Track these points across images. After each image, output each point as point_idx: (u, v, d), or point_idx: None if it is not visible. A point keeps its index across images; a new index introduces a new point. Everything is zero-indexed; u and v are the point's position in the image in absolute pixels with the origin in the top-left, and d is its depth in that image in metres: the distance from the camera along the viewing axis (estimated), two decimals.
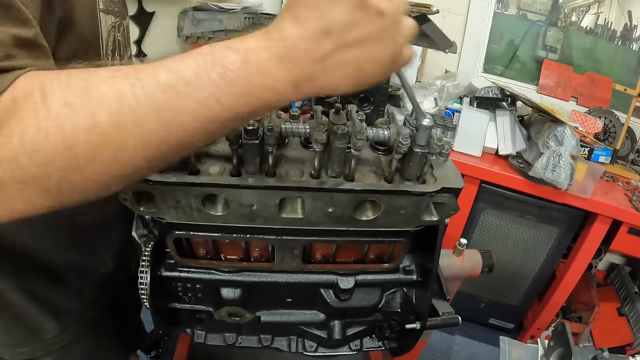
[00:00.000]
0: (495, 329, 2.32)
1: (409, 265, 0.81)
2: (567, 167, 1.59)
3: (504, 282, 2.13)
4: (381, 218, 0.62)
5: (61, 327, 0.77)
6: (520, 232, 1.98)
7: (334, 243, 0.72)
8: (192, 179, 0.55)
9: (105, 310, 0.88)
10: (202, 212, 0.58)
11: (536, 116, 1.92)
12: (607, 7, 2.17)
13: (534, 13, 2.27)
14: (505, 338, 1.06)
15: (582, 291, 2.16)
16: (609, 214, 1.75)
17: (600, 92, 2.26)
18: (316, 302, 0.81)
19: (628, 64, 2.24)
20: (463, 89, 2.04)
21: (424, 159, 0.58)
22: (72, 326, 0.79)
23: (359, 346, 0.89)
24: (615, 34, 2.21)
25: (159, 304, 0.74)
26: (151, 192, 0.56)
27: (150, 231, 0.73)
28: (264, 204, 0.58)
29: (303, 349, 0.87)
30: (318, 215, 0.60)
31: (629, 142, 2.17)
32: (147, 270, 0.69)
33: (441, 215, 0.64)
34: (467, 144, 1.83)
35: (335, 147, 0.55)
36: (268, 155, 0.55)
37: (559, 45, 2.28)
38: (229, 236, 0.66)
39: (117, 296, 0.94)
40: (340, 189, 0.57)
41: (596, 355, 0.92)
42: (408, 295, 0.82)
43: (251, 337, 0.87)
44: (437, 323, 0.76)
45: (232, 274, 0.76)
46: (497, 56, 2.37)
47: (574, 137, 1.62)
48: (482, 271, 1.02)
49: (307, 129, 0.57)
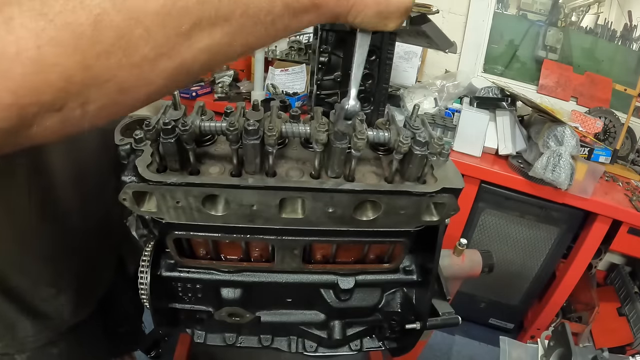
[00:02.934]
0: (495, 329, 2.32)
1: (409, 265, 0.81)
2: (567, 167, 1.59)
3: (504, 282, 2.13)
4: (381, 218, 0.62)
5: (35, 329, 0.76)
6: (520, 232, 1.98)
7: (334, 243, 0.72)
8: (192, 179, 0.55)
9: (90, 314, 0.86)
10: (202, 212, 0.58)
11: (536, 116, 1.92)
12: (607, 7, 2.17)
13: (534, 13, 2.27)
14: (505, 338, 1.07)
15: (582, 291, 2.17)
16: (609, 214, 1.75)
17: (600, 92, 2.26)
18: (316, 302, 0.81)
19: (628, 64, 2.24)
20: (463, 89, 2.04)
21: (424, 159, 0.58)
22: (47, 329, 0.77)
23: (359, 346, 0.89)
24: (615, 34, 2.21)
25: (158, 304, 0.74)
26: (151, 192, 0.56)
27: (150, 231, 0.73)
28: (264, 204, 0.58)
29: (303, 349, 0.87)
30: (318, 216, 0.60)
31: (629, 142, 2.17)
32: (147, 271, 0.69)
33: (441, 215, 0.64)
34: (467, 144, 1.83)
35: (336, 148, 0.55)
36: (268, 155, 0.55)
37: (559, 45, 2.28)
38: (229, 236, 0.66)
39: (107, 301, 0.93)
40: (341, 189, 0.57)
41: (596, 355, 0.92)
42: (408, 296, 0.82)
43: (251, 337, 0.87)
44: (437, 323, 0.76)
45: (232, 274, 0.75)
46: (497, 56, 2.37)
47: (574, 137, 1.62)
48: (482, 271, 1.02)
49: (307, 129, 0.57)
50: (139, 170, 0.54)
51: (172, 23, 0.31)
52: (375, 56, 1.39)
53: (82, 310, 0.83)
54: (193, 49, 0.33)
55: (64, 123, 0.30)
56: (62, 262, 0.77)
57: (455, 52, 1.83)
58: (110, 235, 0.89)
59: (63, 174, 0.72)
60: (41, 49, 0.26)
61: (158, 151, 0.54)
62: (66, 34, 0.27)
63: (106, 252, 0.90)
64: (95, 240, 0.84)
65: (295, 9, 0.38)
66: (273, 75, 2.15)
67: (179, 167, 0.55)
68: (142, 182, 0.54)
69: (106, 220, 0.85)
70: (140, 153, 0.56)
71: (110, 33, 0.28)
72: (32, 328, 0.76)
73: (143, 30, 0.29)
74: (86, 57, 0.28)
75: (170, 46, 0.31)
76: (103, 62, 0.29)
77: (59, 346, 0.82)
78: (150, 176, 0.54)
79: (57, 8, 0.27)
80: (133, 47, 0.29)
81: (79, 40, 0.27)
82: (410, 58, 2.27)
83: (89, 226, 0.80)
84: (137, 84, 0.32)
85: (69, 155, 0.72)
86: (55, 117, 0.29)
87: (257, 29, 0.37)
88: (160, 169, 0.56)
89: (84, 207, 0.78)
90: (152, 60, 0.31)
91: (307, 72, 2.19)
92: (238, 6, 0.34)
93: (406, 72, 2.29)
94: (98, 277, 0.89)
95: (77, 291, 0.80)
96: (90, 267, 0.84)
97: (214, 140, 0.63)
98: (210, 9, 0.32)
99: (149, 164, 0.54)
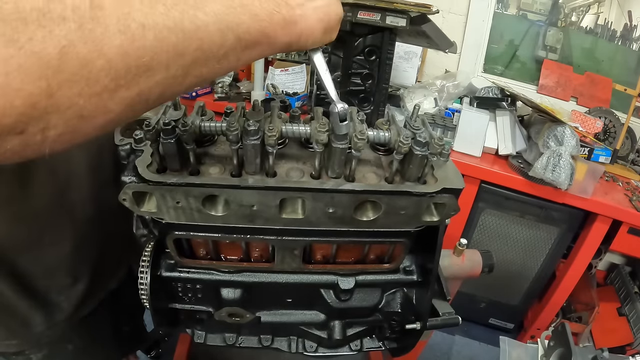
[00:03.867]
0: (495, 329, 2.32)
1: (409, 265, 0.81)
2: (567, 167, 1.59)
3: (504, 282, 2.13)
4: (382, 218, 0.62)
5: (49, 322, 0.78)
6: (520, 232, 1.98)
7: (335, 243, 0.72)
8: (192, 179, 0.55)
9: (98, 309, 0.88)
10: (202, 212, 0.58)
11: (536, 116, 1.92)
12: (607, 7, 2.17)
13: (534, 13, 2.27)
14: (505, 338, 1.06)
15: (582, 291, 2.17)
16: (609, 214, 1.75)
17: (600, 92, 2.26)
18: (316, 303, 0.81)
19: (628, 64, 2.24)
20: (463, 89, 2.04)
21: (424, 159, 0.58)
22: (61, 323, 0.80)
23: (359, 346, 0.89)
24: (615, 34, 2.21)
25: (159, 305, 0.74)
26: (151, 192, 0.56)
27: (150, 231, 0.73)
28: (265, 204, 0.58)
29: (303, 349, 0.87)
30: (318, 216, 0.60)
31: (629, 142, 2.17)
32: (147, 271, 0.69)
33: (442, 215, 0.64)
34: (467, 144, 1.83)
35: (336, 148, 0.55)
36: (268, 155, 0.55)
37: (559, 45, 2.28)
38: (229, 237, 0.66)
39: (116, 296, 0.94)
40: (341, 189, 0.57)
41: (596, 355, 0.92)
42: (408, 296, 0.82)
43: (251, 338, 0.87)
44: (437, 323, 0.76)
45: (233, 274, 0.75)
46: (497, 56, 2.37)
47: (574, 137, 1.62)
48: (482, 271, 1.02)
49: (307, 129, 0.57)
50: (139, 171, 0.53)
51: (132, 57, 0.33)
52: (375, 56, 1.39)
53: (92, 299, 0.86)
54: (150, 81, 0.35)
55: (24, 146, 0.32)
56: (80, 251, 0.80)
57: (455, 52, 1.83)
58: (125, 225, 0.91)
59: (80, 163, 0.75)
60: (8, 76, 0.27)
61: (158, 151, 0.54)
62: (33, 62, 0.28)
63: (120, 244, 0.92)
64: (111, 229, 0.86)
65: (247, 42, 0.41)
66: (273, 75, 2.15)
67: (179, 167, 0.55)
68: (142, 182, 0.54)
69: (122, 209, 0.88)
70: (140, 153, 0.56)
71: (74, 63, 0.30)
72: (46, 322, 0.78)
73: (105, 62, 0.31)
74: (50, 85, 0.29)
75: (129, 78, 0.33)
76: (66, 90, 0.30)
77: (74, 342, 0.85)
78: (150, 176, 0.54)
79: (28, 35, 0.28)
80: (94, 78, 0.31)
81: (45, 69, 0.29)
82: (410, 58, 2.27)
83: (105, 215, 0.83)
84: (96, 112, 0.33)
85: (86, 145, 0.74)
86: (17, 140, 0.31)
87: (210, 63, 0.39)
88: (160, 169, 0.56)
89: (101, 195, 0.81)
90: (112, 90, 0.33)
91: (307, 72, 2.19)
92: (193, 41, 0.36)
93: (406, 72, 2.29)
94: (111, 268, 0.91)
95: (91, 279, 0.83)
96: (106, 257, 0.87)
97: (214, 141, 0.63)
98: (168, 45, 0.34)
99: (148, 164, 0.54)
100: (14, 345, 0.78)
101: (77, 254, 0.80)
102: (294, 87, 2.17)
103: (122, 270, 0.96)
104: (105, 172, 0.80)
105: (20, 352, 0.79)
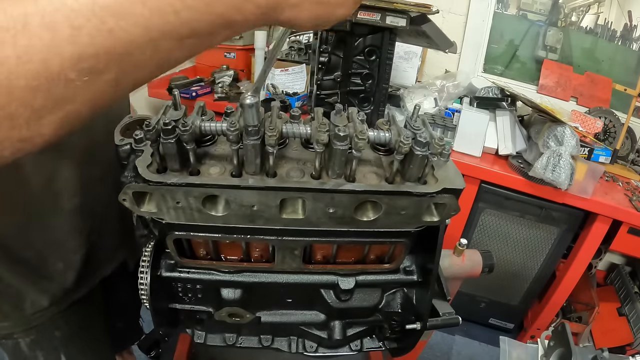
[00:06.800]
0: (495, 329, 2.32)
1: (409, 265, 0.81)
2: (567, 167, 1.59)
3: (504, 282, 2.13)
4: (382, 219, 0.62)
5: (39, 305, 0.80)
6: (520, 232, 1.98)
7: (335, 244, 0.72)
8: (192, 179, 0.55)
9: (88, 298, 0.89)
10: (203, 212, 0.58)
11: (536, 116, 1.92)
12: (607, 7, 2.17)
13: (534, 13, 2.27)
14: (505, 338, 1.06)
15: (582, 291, 2.17)
16: (609, 214, 1.75)
17: (600, 92, 2.26)
18: (316, 303, 0.81)
19: (628, 64, 2.24)
20: (463, 89, 2.04)
21: (425, 159, 0.57)
22: (50, 307, 0.81)
23: (359, 346, 0.89)
24: (615, 34, 2.21)
25: (159, 305, 0.74)
26: (151, 192, 0.56)
27: (150, 231, 0.73)
28: (265, 204, 0.58)
29: (303, 349, 0.87)
30: (319, 216, 0.60)
31: (629, 142, 2.17)
32: (147, 271, 0.69)
33: (442, 215, 0.64)
34: (467, 144, 1.83)
35: (337, 149, 0.55)
36: (269, 155, 0.55)
37: (559, 45, 2.28)
38: (229, 237, 0.66)
39: (108, 288, 0.94)
40: (341, 189, 0.57)
41: (596, 355, 0.92)
42: (408, 296, 0.82)
43: (251, 338, 0.87)
44: (437, 323, 0.76)
45: (233, 275, 0.75)
46: (497, 56, 2.37)
47: (574, 137, 1.62)
48: (482, 271, 1.02)
49: (308, 129, 0.57)
50: (139, 171, 0.53)
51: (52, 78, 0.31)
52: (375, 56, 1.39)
53: (83, 286, 0.87)
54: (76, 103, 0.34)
55: None
56: (70, 239, 0.81)
57: (455, 52, 1.83)
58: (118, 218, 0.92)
59: (75, 153, 0.76)
60: None
61: (158, 151, 0.54)
62: None
63: (112, 235, 0.93)
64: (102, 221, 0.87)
65: None
66: (273, 75, 2.15)
67: (179, 167, 0.55)
68: (142, 182, 0.54)
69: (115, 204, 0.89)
70: (140, 153, 0.56)
71: None
72: (36, 306, 0.79)
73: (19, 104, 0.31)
74: None
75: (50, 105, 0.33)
76: None
77: (62, 329, 0.85)
78: (150, 177, 0.53)
79: None
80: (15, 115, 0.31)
81: None
82: (410, 58, 2.27)
83: (97, 208, 0.84)
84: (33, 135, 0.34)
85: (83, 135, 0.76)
86: None
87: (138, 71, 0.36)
88: (160, 170, 0.56)
89: (91, 189, 0.81)
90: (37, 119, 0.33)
91: (307, 72, 2.19)
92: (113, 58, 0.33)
93: (406, 72, 2.29)
94: (105, 256, 0.92)
95: (84, 265, 0.84)
96: (97, 246, 0.88)
97: (215, 141, 0.63)
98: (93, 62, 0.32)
99: (149, 165, 0.54)
100: (5, 328, 0.79)
101: (66, 241, 0.81)
102: (294, 87, 2.17)
103: (115, 260, 0.96)
104: (97, 168, 0.81)
105: (9, 335, 0.81)
